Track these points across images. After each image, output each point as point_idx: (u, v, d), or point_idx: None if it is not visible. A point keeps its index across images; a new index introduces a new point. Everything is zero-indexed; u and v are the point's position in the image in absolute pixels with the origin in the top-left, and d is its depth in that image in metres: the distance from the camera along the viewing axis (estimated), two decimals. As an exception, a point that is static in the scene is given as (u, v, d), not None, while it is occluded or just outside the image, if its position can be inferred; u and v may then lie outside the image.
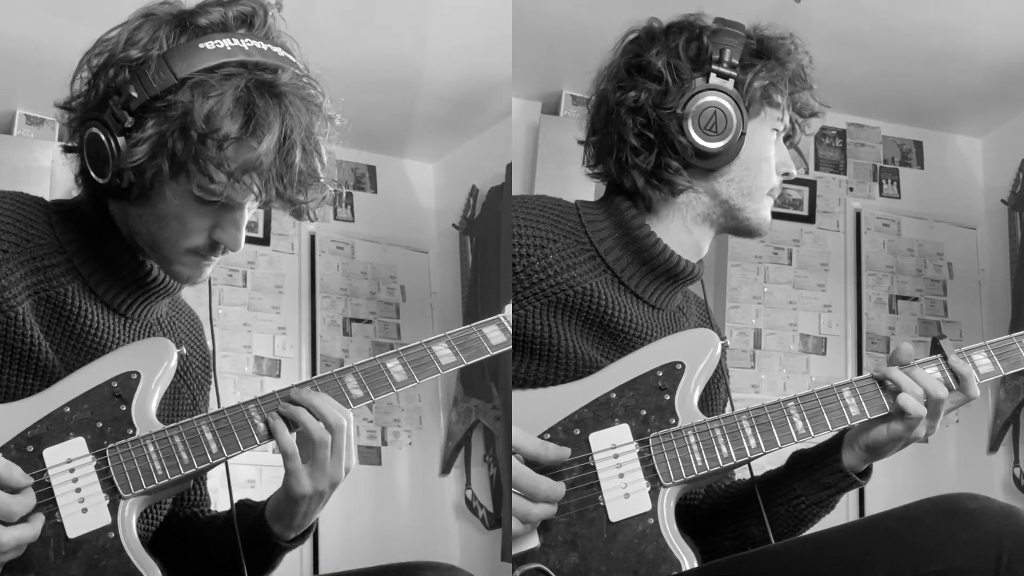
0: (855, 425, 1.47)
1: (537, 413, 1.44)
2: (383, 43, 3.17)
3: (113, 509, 1.31)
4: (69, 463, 1.31)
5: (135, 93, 1.29)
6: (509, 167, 3.55)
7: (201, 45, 1.30)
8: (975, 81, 3.47)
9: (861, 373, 3.65)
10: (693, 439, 1.43)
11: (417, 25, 3.10)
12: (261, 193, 1.32)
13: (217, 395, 1.51)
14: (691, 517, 1.56)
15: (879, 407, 1.46)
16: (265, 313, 3.77)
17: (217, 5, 1.35)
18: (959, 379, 1.48)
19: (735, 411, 1.45)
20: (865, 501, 3.41)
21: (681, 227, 1.56)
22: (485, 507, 3.75)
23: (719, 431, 1.44)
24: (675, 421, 1.44)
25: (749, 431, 1.44)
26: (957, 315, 3.84)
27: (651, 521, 1.40)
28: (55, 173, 3.35)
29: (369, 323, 3.96)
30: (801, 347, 3.70)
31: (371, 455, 3.86)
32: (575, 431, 1.43)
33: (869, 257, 3.80)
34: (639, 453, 1.42)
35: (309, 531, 1.44)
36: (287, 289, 3.83)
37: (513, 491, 1.37)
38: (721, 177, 1.54)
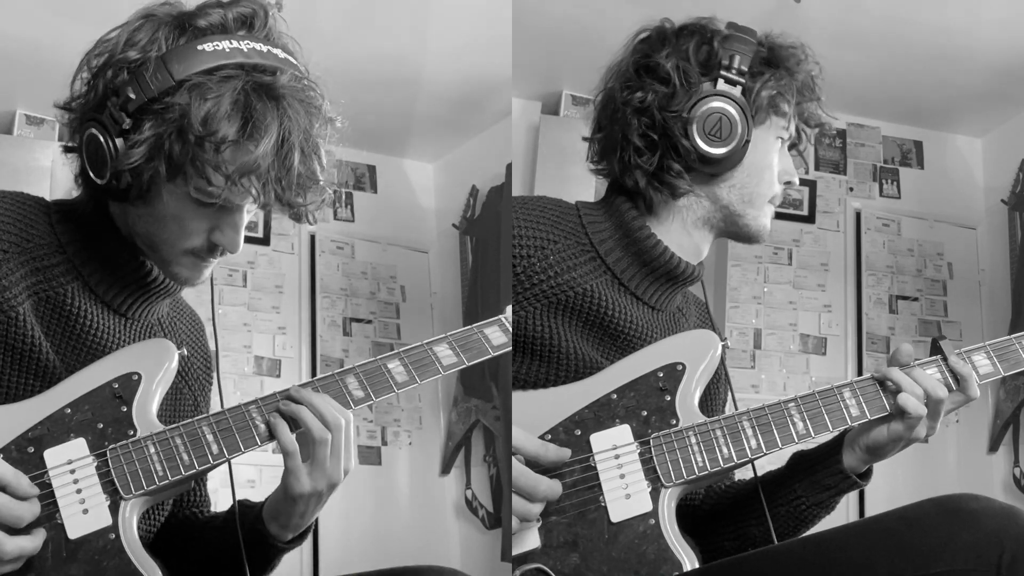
0: (855, 426, 1.47)
1: (538, 414, 1.44)
2: (383, 43, 3.17)
3: (114, 510, 1.31)
4: (70, 464, 1.31)
5: (133, 95, 1.28)
6: (509, 167, 3.55)
7: (199, 47, 1.29)
8: (975, 81, 3.47)
9: (861, 373, 3.65)
10: (694, 440, 1.43)
11: (417, 25, 3.10)
12: (259, 196, 1.31)
13: (220, 396, 1.51)
14: (691, 517, 1.56)
15: (879, 408, 1.46)
16: (265, 313, 3.77)
17: (217, 7, 1.34)
18: (959, 380, 1.48)
19: (736, 412, 1.45)
20: (865, 501, 3.41)
21: (681, 230, 1.56)
22: (485, 507, 3.75)
23: (720, 432, 1.44)
24: (676, 422, 1.44)
25: (750, 432, 1.44)
26: (957, 315, 3.84)
27: (652, 522, 1.40)
28: (55, 173, 3.35)
29: (369, 323, 3.96)
30: (801, 347, 3.70)
31: (371, 455, 3.86)
32: (576, 432, 1.43)
33: (869, 257, 3.80)
34: (640, 454, 1.43)
35: (306, 533, 1.43)
36: (287, 289, 3.83)
37: (513, 491, 1.37)
38: (723, 183, 1.54)
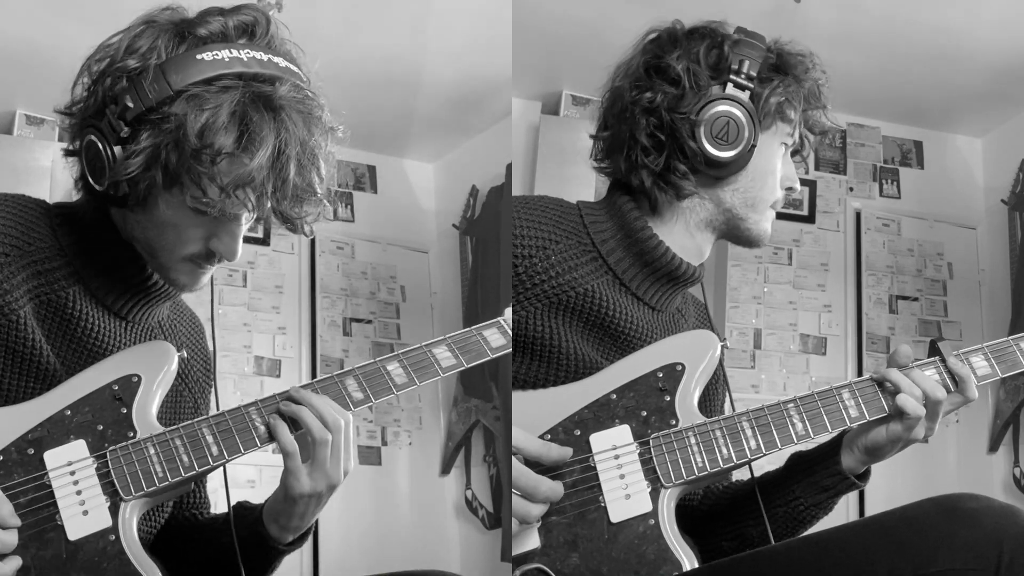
0: (854, 427, 1.47)
1: (537, 414, 1.45)
2: (383, 43, 3.17)
3: (114, 511, 1.31)
4: (70, 465, 1.32)
5: (131, 103, 1.28)
6: (509, 167, 3.55)
7: (198, 56, 1.29)
8: (975, 81, 3.47)
9: (861, 373, 3.65)
10: (693, 440, 1.44)
11: (417, 25, 3.10)
12: (254, 208, 1.31)
13: (216, 397, 1.51)
14: (689, 517, 1.57)
15: (878, 409, 1.47)
16: (265, 313, 3.77)
17: (218, 14, 1.34)
18: (957, 381, 1.48)
19: (735, 412, 1.45)
20: (865, 502, 3.41)
21: (684, 231, 1.57)
22: (485, 507, 3.75)
23: (719, 432, 1.44)
24: (675, 422, 1.44)
25: (749, 432, 1.44)
26: (957, 315, 3.84)
27: (652, 522, 1.40)
28: (55, 173, 3.34)
29: (369, 323, 3.96)
30: (801, 347, 3.70)
31: (371, 455, 3.86)
32: (575, 432, 1.43)
33: (869, 257, 3.80)
34: (640, 454, 1.43)
35: (306, 535, 1.44)
36: (287, 289, 3.83)
37: (513, 491, 1.37)
38: (727, 186, 1.54)
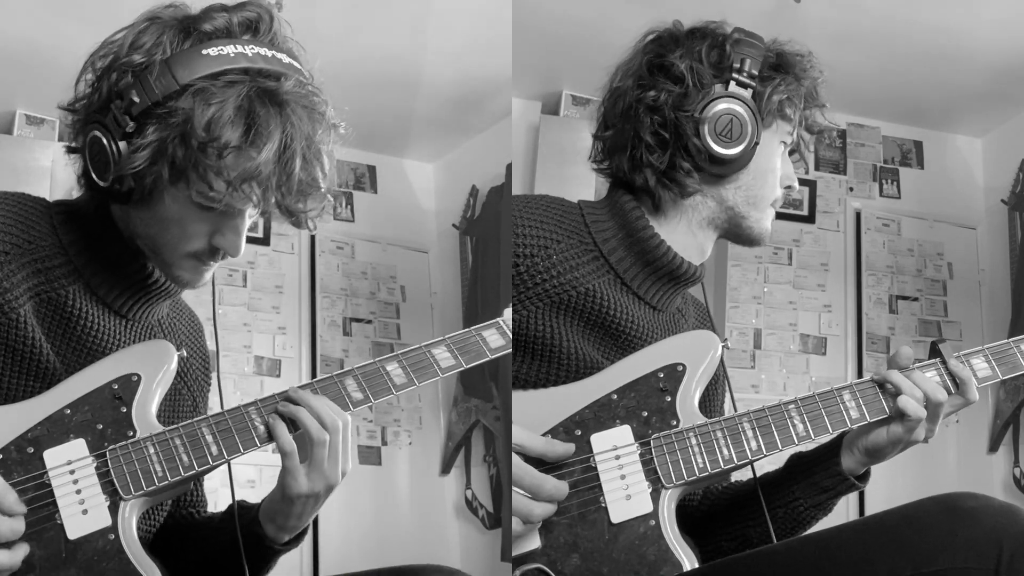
0: (855, 428, 1.47)
1: (538, 414, 1.45)
2: (383, 43, 3.17)
3: (113, 511, 1.31)
4: (69, 464, 1.31)
5: (137, 98, 1.28)
6: (509, 167, 3.55)
7: (204, 51, 1.29)
8: (975, 81, 3.47)
9: (861, 373, 3.65)
10: (694, 441, 1.44)
11: (417, 25, 3.10)
12: (259, 202, 1.31)
13: (220, 396, 1.51)
14: (689, 518, 1.57)
15: (879, 410, 1.47)
16: (265, 313, 3.77)
17: (222, 11, 1.34)
18: (958, 383, 1.49)
19: (736, 413, 1.45)
20: (865, 502, 3.41)
21: (686, 230, 1.57)
22: (485, 507, 3.75)
23: (720, 433, 1.44)
24: (676, 423, 1.44)
25: (750, 433, 1.44)
26: (957, 315, 3.84)
27: (652, 523, 1.40)
28: (55, 173, 3.34)
29: (369, 323, 3.96)
30: (801, 347, 3.70)
31: (371, 455, 3.85)
32: (576, 432, 1.43)
33: (869, 257, 3.80)
34: (640, 454, 1.43)
35: (302, 535, 1.44)
36: (287, 289, 3.83)
37: (516, 490, 1.37)
38: (729, 184, 1.55)
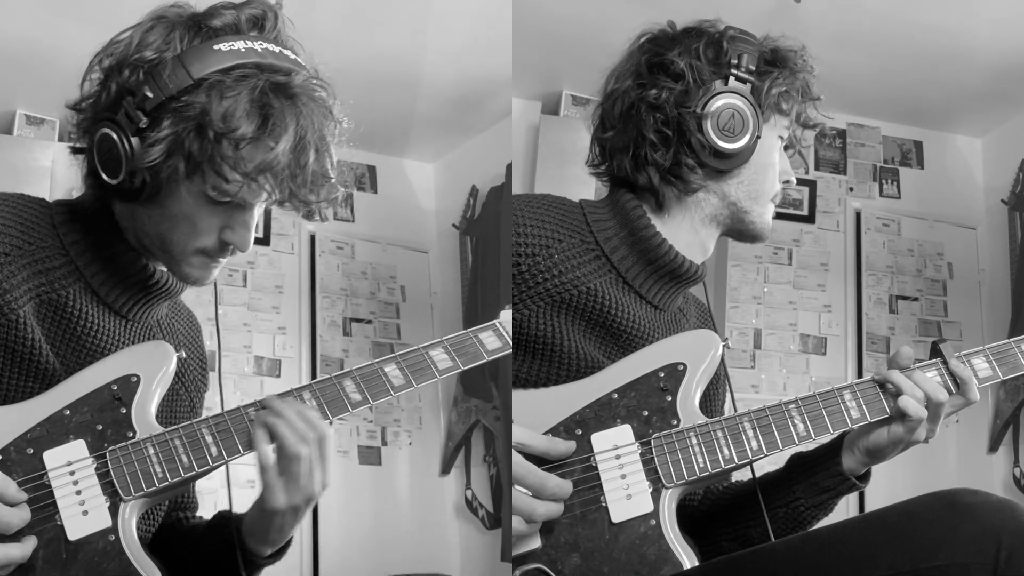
0: (855, 428, 1.47)
1: (539, 413, 1.44)
2: (383, 43, 3.17)
3: (113, 512, 1.31)
4: (69, 466, 1.31)
5: (150, 93, 1.29)
6: (509, 167, 3.55)
7: (216, 46, 1.31)
8: (975, 81, 3.47)
9: (861, 373, 3.65)
10: (695, 440, 1.43)
11: (417, 25, 3.10)
12: (274, 192, 1.32)
13: (221, 396, 1.51)
14: (689, 518, 1.56)
15: (879, 410, 1.47)
16: (265, 313, 3.77)
17: (229, 8, 1.36)
18: (959, 383, 1.49)
19: (736, 413, 1.45)
20: (865, 502, 3.40)
21: (690, 227, 1.57)
22: (485, 507, 3.75)
23: (721, 432, 1.44)
24: (677, 422, 1.44)
25: (751, 433, 1.44)
26: (957, 315, 3.84)
27: (653, 522, 1.40)
28: (55, 173, 3.35)
29: (369, 323, 3.96)
30: (801, 347, 3.70)
31: (371, 455, 3.85)
32: (577, 431, 1.43)
33: (869, 257, 3.80)
34: (641, 454, 1.42)
35: (285, 548, 1.43)
36: (287, 289, 3.83)
37: (519, 488, 1.37)
38: (732, 179, 1.55)
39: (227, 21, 1.34)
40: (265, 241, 3.79)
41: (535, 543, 1.39)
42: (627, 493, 1.41)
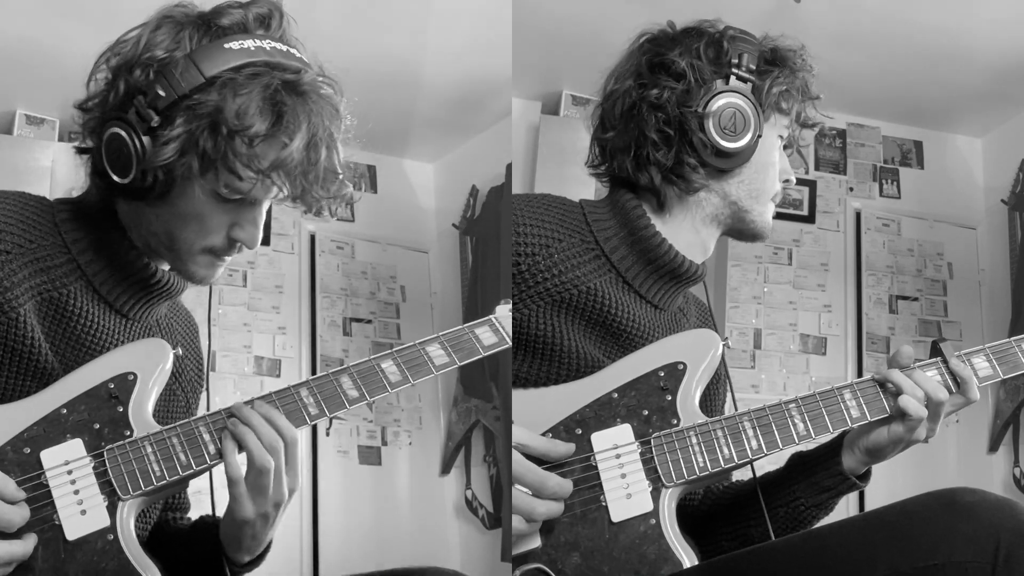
0: (855, 427, 1.47)
1: (538, 412, 1.44)
2: (383, 43, 3.17)
3: (112, 511, 1.31)
4: (67, 465, 1.31)
5: (163, 92, 1.29)
6: (509, 167, 3.54)
7: (227, 45, 1.31)
8: (975, 81, 3.47)
9: (861, 373, 3.64)
10: (695, 440, 1.43)
11: (417, 25, 3.10)
12: (285, 188, 1.33)
13: (207, 397, 1.51)
14: (689, 517, 1.56)
15: (880, 409, 1.46)
16: (265, 313, 3.77)
17: (237, 7, 1.36)
18: (959, 382, 1.49)
19: (737, 412, 1.45)
20: (865, 501, 3.40)
21: (691, 227, 1.57)
22: (485, 507, 3.75)
23: (721, 432, 1.44)
24: (677, 421, 1.44)
25: (751, 432, 1.44)
26: (957, 315, 3.84)
27: (653, 522, 1.40)
28: (55, 173, 3.35)
29: (369, 323, 3.95)
30: (801, 347, 3.69)
31: (371, 455, 3.85)
32: (577, 431, 1.43)
33: (869, 257, 3.80)
34: (641, 453, 1.42)
35: (264, 554, 1.43)
36: (287, 289, 3.83)
37: (519, 488, 1.36)
38: (733, 178, 1.56)
39: (235, 20, 1.35)
40: (265, 241, 3.74)
41: (535, 542, 1.39)
42: (627, 492, 1.41)
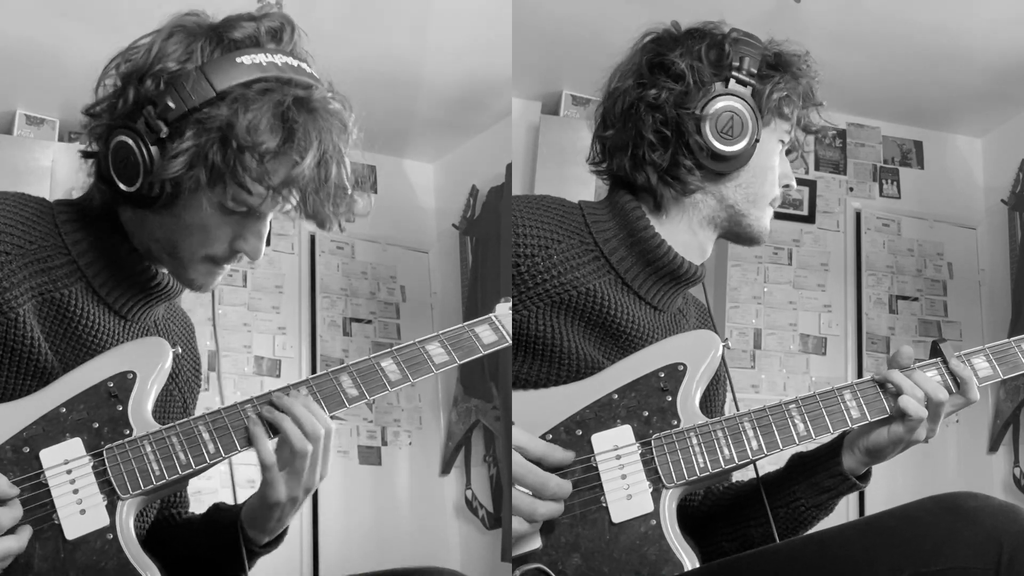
0: (855, 428, 1.47)
1: (539, 414, 1.44)
2: (383, 43, 3.17)
3: (111, 510, 1.31)
4: (66, 464, 1.31)
5: (172, 104, 1.29)
6: (509, 167, 3.54)
7: (238, 59, 1.31)
8: (975, 81, 3.47)
9: (861, 373, 3.64)
10: (695, 440, 1.43)
11: (417, 25, 3.10)
12: (296, 206, 1.34)
13: (220, 394, 1.51)
14: (690, 518, 1.56)
15: (880, 410, 1.46)
16: (265, 313, 3.77)
17: (248, 20, 1.36)
18: (959, 383, 1.48)
19: (737, 412, 1.45)
20: (865, 502, 3.41)
21: (687, 228, 1.57)
22: (485, 507, 3.75)
23: (721, 432, 1.44)
24: (677, 422, 1.44)
25: (751, 433, 1.44)
26: (957, 315, 3.84)
27: (653, 522, 1.40)
28: (55, 173, 3.34)
29: (369, 323, 3.95)
30: (801, 347, 3.69)
31: (371, 455, 3.85)
32: (577, 432, 1.43)
33: (869, 257, 3.80)
34: (641, 454, 1.42)
35: (282, 536, 1.45)
36: (287, 289, 3.83)
37: (519, 488, 1.36)
38: (730, 182, 1.55)
39: (247, 33, 1.35)
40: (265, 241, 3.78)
41: (535, 543, 1.39)
42: (627, 493, 1.41)
